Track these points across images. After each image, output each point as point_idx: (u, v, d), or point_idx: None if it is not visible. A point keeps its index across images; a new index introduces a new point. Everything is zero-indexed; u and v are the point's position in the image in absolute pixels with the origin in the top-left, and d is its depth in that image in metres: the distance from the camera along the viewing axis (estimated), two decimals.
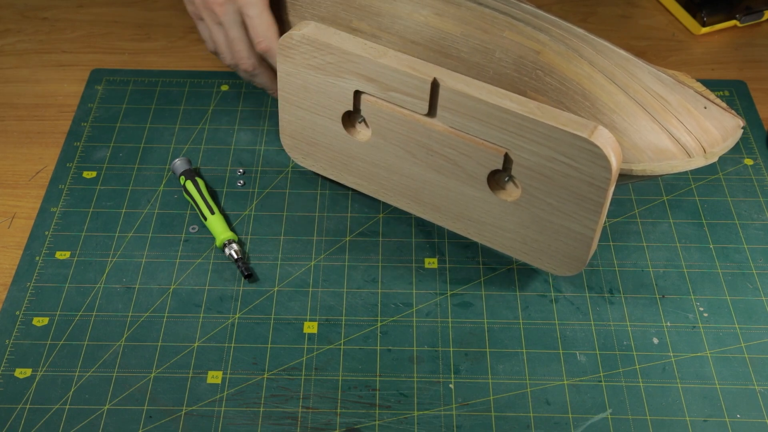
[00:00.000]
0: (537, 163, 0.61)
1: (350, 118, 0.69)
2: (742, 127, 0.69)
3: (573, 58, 0.65)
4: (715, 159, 0.67)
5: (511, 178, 0.64)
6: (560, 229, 0.63)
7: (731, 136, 0.68)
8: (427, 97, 0.63)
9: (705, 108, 0.67)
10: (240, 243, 0.72)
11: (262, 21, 0.71)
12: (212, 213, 0.72)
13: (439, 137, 0.64)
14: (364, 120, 0.68)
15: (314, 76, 0.67)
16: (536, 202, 0.63)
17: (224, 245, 0.71)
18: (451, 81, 0.61)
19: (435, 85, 0.62)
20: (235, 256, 0.70)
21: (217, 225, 0.71)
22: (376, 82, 0.64)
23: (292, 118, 0.71)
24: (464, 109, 0.62)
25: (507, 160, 0.62)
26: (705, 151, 0.67)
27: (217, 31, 0.74)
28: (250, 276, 0.69)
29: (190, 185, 0.74)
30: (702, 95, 0.68)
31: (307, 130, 0.71)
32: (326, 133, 0.70)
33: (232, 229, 0.73)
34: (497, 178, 0.65)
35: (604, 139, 0.58)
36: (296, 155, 0.74)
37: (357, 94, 0.66)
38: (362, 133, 0.69)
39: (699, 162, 0.66)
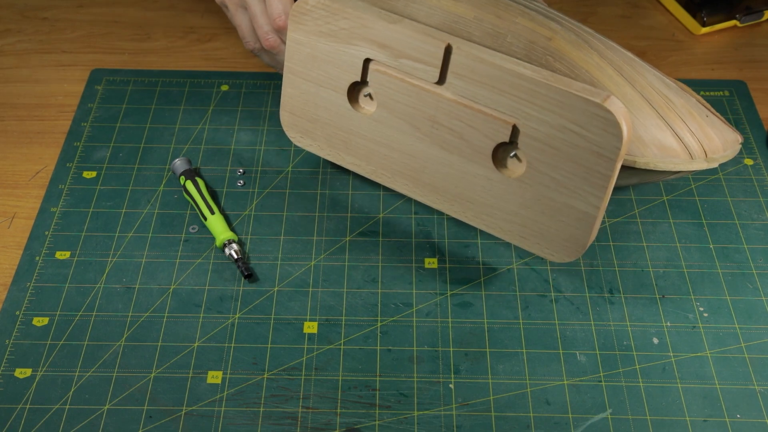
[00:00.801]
0: (546, 134, 0.60)
1: (355, 92, 0.69)
2: (741, 143, 0.70)
3: (583, 47, 0.65)
4: (715, 165, 0.67)
5: (515, 154, 0.64)
6: (563, 209, 0.62)
7: (731, 148, 0.68)
8: (439, 63, 0.62)
9: (707, 116, 0.68)
10: (240, 243, 0.72)
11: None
12: (212, 213, 0.72)
13: (446, 108, 0.64)
14: (369, 95, 0.68)
15: (325, 44, 0.67)
16: (541, 177, 0.62)
17: (224, 245, 0.71)
18: (466, 46, 0.61)
19: (448, 52, 0.62)
20: (235, 256, 0.70)
21: (217, 225, 0.72)
22: (389, 49, 0.64)
23: (296, 91, 0.71)
24: (476, 75, 0.61)
25: (514, 132, 0.62)
26: (706, 156, 0.67)
27: (241, 15, 0.77)
28: (250, 276, 0.69)
29: (190, 185, 0.74)
30: (704, 106, 0.69)
31: (309, 105, 0.71)
32: (329, 107, 0.70)
33: (232, 229, 0.73)
34: (501, 155, 0.64)
35: (617, 107, 0.57)
36: (294, 134, 0.74)
37: (366, 64, 0.66)
38: (366, 107, 0.69)
39: (700, 165, 0.66)
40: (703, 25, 0.92)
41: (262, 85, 0.87)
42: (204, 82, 0.87)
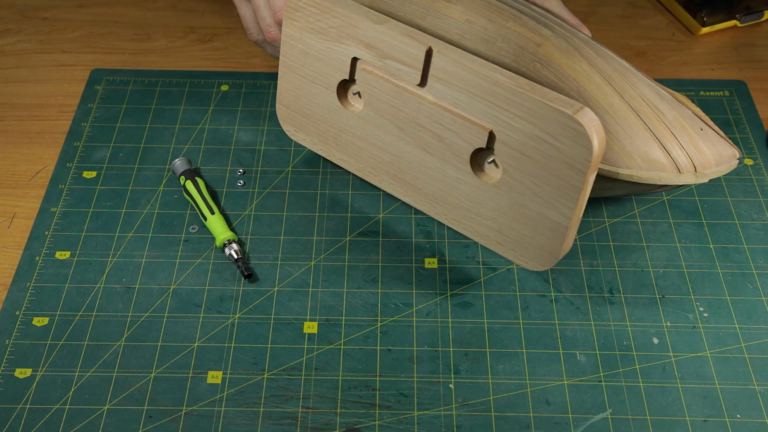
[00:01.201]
0: (520, 142, 0.61)
1: (345, 89, 0.69)
2: (738, 159, 0.69)
3: (573, 54, 0.65)
4: (705, 180, 0.67)
5: (493, 160, 0.64)
6: (536, 217, 0.63)
7: (725, 164, 0.68)
8: (421, 66, 0.63)
9: (701, 129, 0.67)
10: (240, 243, 0.72)
11: None
12: (212, 213, 0.72)
13: (427, 110, 0.65)
14: (358, 93, 0.69)
15: (316, 41, 0.68)
16: (515, 185, 0.63)
17: (224, 245, 0.71)
18: (446, 50, 0.62)
19: (429, 54, 0.63)
20: (235, 256, 0.70)
21: (217, 225, 0.72)
22: (374, 49, 0.65)
23: (290, 86, 0.72)
24: (455, 79, 0.62)
25: (491, 139, 0.62)
26: (696, 170, 0.67)
27: (245, 6, 0.78)
28: (250, 276, 0.69)
29: (190, 185, 0.74)
30: (700, 119, 0.68)
31: (302, 100, 0.72)
32: (320, 103, 0.71)
33: (232, 229, 0.73)
34: (479, 160, 0.65)
35: (588, 119, 0.58)
36: (289, 127, 0.75)
37: (354, 63, 0.67)
38: (355, 105, 0.69)
39: (688, 179, 0.66)
40: (703, 25, 0.92)
41: (262, 85, 0.87)
42: (204, 82, 0.87)
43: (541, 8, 0.69)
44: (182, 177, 0.75)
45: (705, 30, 0.93)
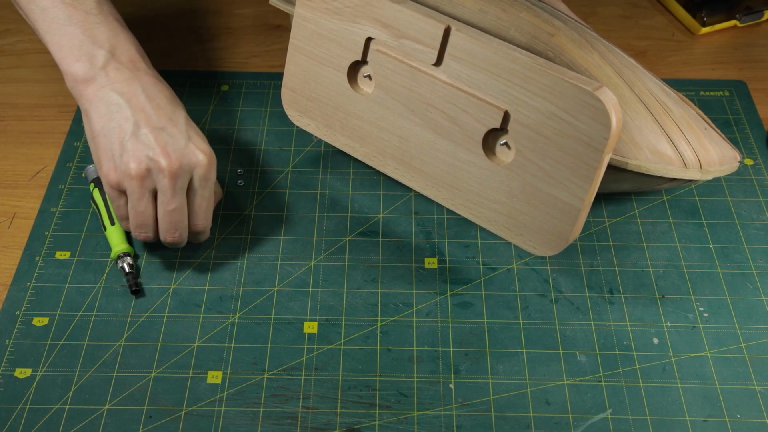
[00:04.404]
0: (536, 121, 0.61)
1: (355, 71, 0.69)
2: (739, 161, 0.70)
3: (585, 46, 0.65)
4: (710, 177, 0.67)
5: (506, 142, 0.64)
6: (548, 199, 0.63)
7: (728, 164, 0.69)
8: (438, 45, 0.63)
9: (705, 129, 0.68)
10: (134, 257, 0.71)
11: (210, 200, 0.68)
12: (112, 224, 0.71)
13: (441, 91, 0.65)
14: (369, 76, 0.69)
15: (330, 21, 0.68)
16: (528, 166, 0.63)
17: (118, 257, 0.70)
18: (464, 29, 0.63)
19: (447, 33, 0.63)
20: (127, 270, 0.69)
21: (114, 236, 0.71)
22: (391, 28, 0.65)
23: (298, 69, 0.72)
24: (472, 58, 0.62)
25: (505, 119, 0.62)
26: (701, 167, 0.67)
27: (146, 200, 0.65)
28: (137, 292, 0.68)
29: (97, 194, 0.73)
30: (704, 120, 0.69)
31: (310, 83, 0.72)
32: (329, 85, 0.70)
33: (130, 243, 0.71)
34: (491, 142, 0.65)
35: (607, 97, 0.58)
36: (293, 112, 0.74)
37: (367, 44, 0.67)
38: (364, 88, 0.69)
39: (694, 174, 0.67)
40: (703, 25, 0.92)
41: (262, 85, 0.87)
42: (204, 82, 0.87)
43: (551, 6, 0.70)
44: (92, 184, 0.74)
45: (705, 30, 0.93)
